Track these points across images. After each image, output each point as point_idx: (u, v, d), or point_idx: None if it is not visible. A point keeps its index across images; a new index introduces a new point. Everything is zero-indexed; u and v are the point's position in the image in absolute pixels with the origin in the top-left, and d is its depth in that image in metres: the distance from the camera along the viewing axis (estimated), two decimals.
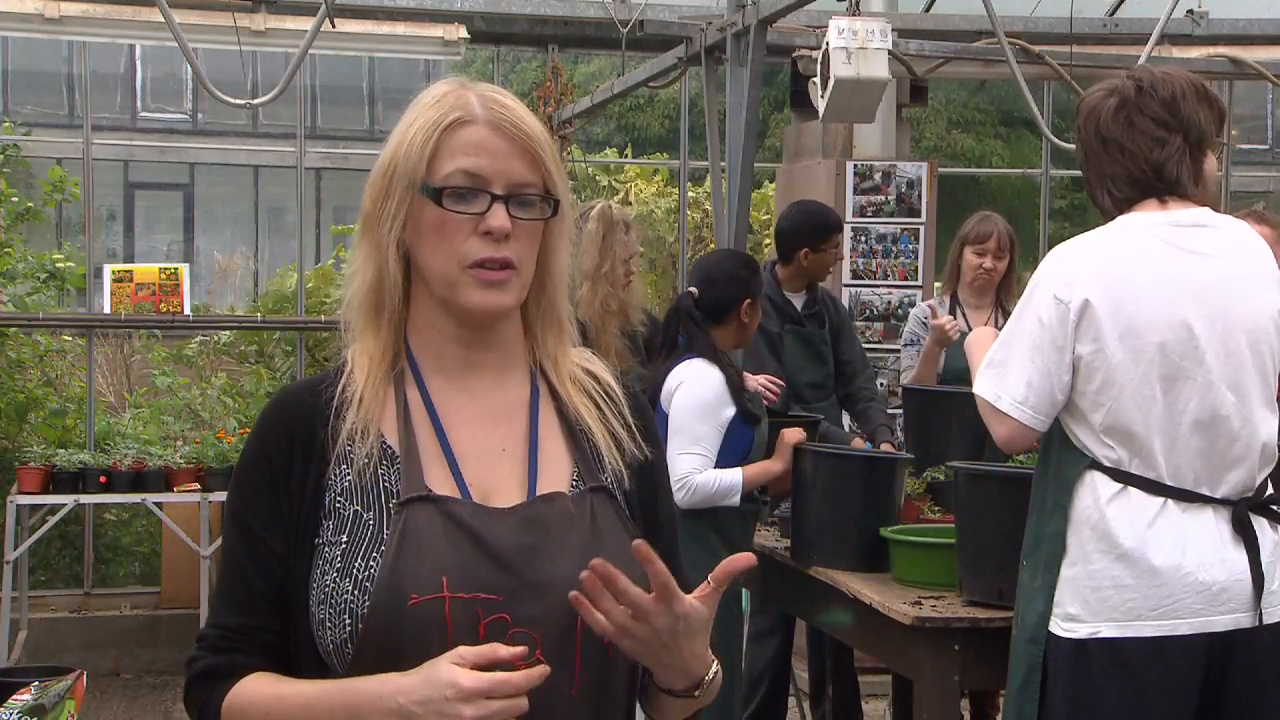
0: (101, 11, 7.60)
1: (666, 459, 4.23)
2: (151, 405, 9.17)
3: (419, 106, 1.76)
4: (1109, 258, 2.96)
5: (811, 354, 5.58)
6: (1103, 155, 3.03)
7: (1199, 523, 2.90)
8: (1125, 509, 2.90)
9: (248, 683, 1.71)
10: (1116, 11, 8.42)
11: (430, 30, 8.03)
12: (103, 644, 7.56)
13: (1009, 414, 2.98)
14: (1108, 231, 3.02)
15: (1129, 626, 2.88)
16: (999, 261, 5.45)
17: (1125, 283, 2.92)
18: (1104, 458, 2.93)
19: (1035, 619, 2.99)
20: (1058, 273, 2.97)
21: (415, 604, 1.63)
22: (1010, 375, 2.99)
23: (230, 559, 1.76)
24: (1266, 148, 17.71)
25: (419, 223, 1.73)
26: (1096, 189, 3.08)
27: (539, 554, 1.69)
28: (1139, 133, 2.99)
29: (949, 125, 14.76)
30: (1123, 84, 3.04)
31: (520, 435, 1.78)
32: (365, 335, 1.76)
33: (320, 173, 14.76)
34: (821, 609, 4.32)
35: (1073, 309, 2.91)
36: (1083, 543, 2.92)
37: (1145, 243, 2.96)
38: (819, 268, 5.53)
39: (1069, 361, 2.93)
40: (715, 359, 4.28)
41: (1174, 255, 2.94)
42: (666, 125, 14.94)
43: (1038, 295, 2.98)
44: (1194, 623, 2.88)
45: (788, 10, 5.66)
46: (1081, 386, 2.93)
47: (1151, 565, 2.87)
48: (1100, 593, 2.89)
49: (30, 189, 9.48)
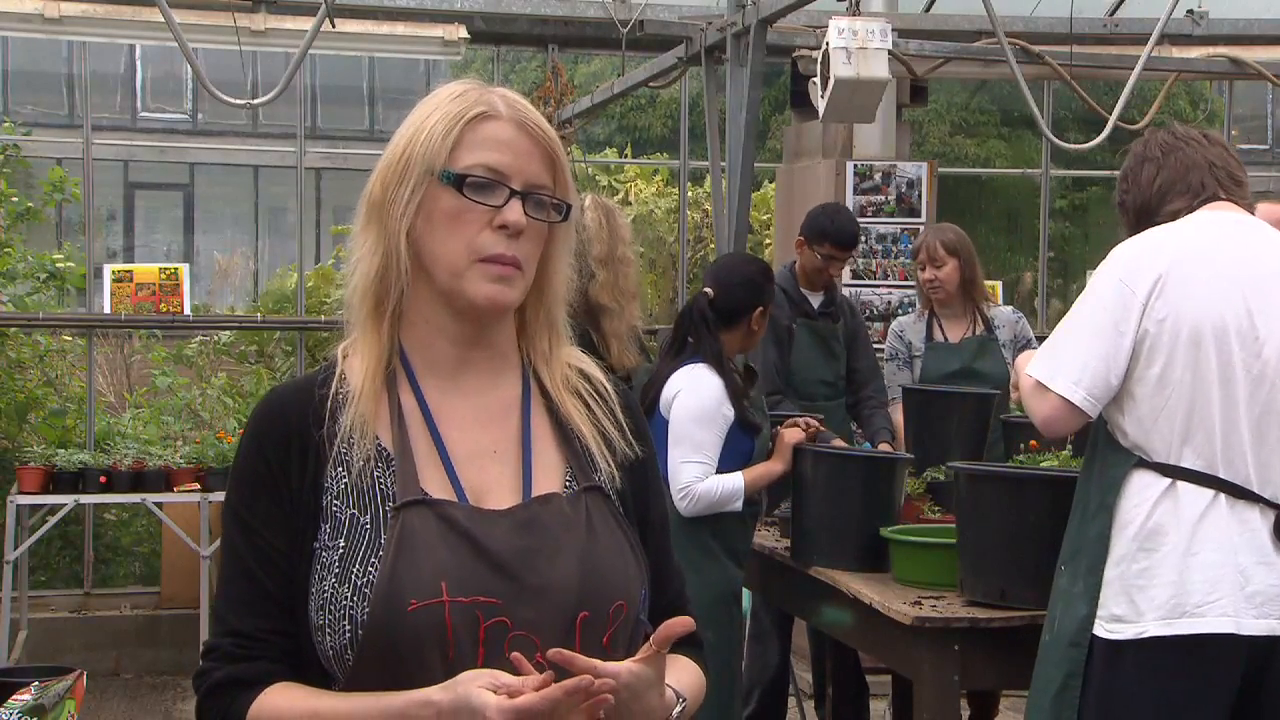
0: (101, 11, 7.60)
1: (660, 460, 4.24)
2: (151, 405, 9.17)
3: (435, 100, 1.76)
4: (1178, 244, 2.99)
5: (824, 349, 5.57)
6: (1209, 148, 3.12)
7: (1245, 522, 2.90)
8: (1173, 505, 2.90)
9: (273, 693, 1.66)
10: (1116, 11, 8.42)
11: (430, 30, 8.04)
12: (103, 644, 7.56)
13: (1060, 393, 2.98)
14: (1178, 223, 3.06)
15: (1174, 625, 2.87)
16: (938, 270, 5.50)
17: (1195, 267, 2.95)
18: (1155, 451, 2.92)
19: (1077, 623, 2.97)
20: (1123, 258, 3.01)
21: (415, 609, 1.62)
22: (1066, 355, 3.01)
23: (235, 563, 1.71)
24: (1266, 148, 17.71)
25: (432, 211, 1.72)
26: (1167, 190, 3.12)
27: (537, 557, 1.68)
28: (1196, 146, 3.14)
29: (952, 130, 14.75)
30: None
31: (512, 436, 1.77)
32: (365, 328, 1.75)
33: (320, 173, 14.76)
34: (821, 609, 4.31)
35: (1140, 289, 2.93)
36: (1127, 541, 2.92)
37: (1213, 236, 3.01)
38: (808, 265, 5.53)
39: (1129, 345, 2.94)
40: (718, 365, 4.25)
41: (1235, 250, 2.99)
42: (667, 125, 14.93)
43: (1099, 283, 3.02)
44: (1240, 622, 2.87)
45: (788, 10, 5.67)
46: (1141, 371, 2.94)
47: (1199, 563, 2.86)
48: (1147, 592, 2.89)
49: (30, 189, 9.48)
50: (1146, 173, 3.15)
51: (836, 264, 5.56)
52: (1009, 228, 14.73)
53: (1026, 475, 3.76)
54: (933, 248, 5.52)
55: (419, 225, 1.72)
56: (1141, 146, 3.21)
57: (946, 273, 5.50)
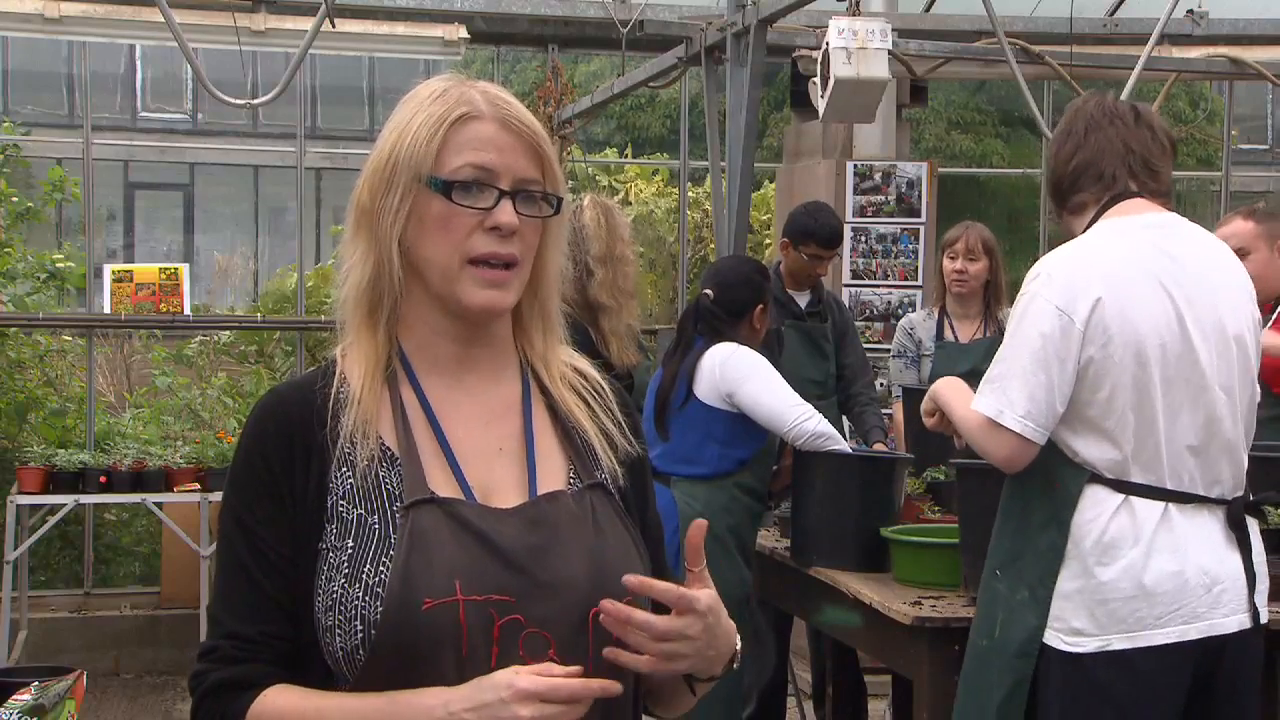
0: (101, 11, 7.61)
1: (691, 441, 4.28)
2: (151, 405, 9.18)
3: (416, 100, 1.74)
4: (1108, 262, 2.94)
5: (813, 349, 5.58)
6: (1133, 130, 3.04)
7: (1196, 525, 2.91)
8: (1129, 520, 2.89)
9: (273, 694, 1.66)
10: (1116, 11, 8.43)
11: (430, 30, 8.05)
12: (103, 644, 7.56)
13: (1012, 429, 2.91)
14: (1097, 235, 3.01)
15: (1139, 637, 2.87)
16: (970, 264, 5.50)
17: (1126, 284, 2.91)
18: (1106, 468, 2.91)
19: (1026, 633, 2.96)
20: (1054, 283, 2.93)
21: (429, 608, 1.61)
22: (1013, 390, 2.92)
23: (234, 565, 1.70)
24: (1266, 148, 17.70)
25: (422, 217, 1.71)
26: (1089, 174, 3.07)
27: (548, 554, 1.68)
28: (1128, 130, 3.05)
29: (949, 127, 14.75)
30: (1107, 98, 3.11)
31: (515, 433, 1.77)
32: (360, 333, 1.74)
33: (320, 173, 14.76)
34: (822, 609, 4.32)
35: (1078, 316, 2.88)
36: (1085, 556, 2.90)
37: (1138, 247, 2.96)
38: (795, 265, 5.53)
39: (1072, 372, 2.89)
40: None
41: (1160, 259, 2.95)
42: (667, 125, 14.92)
43: (1035, 308, 2.93)
44: (1200, 626, 2.88)
45: (788, 10, 5.66)
46: (1088, 396, 2.90)
47: (1158, 574, 2.86)
48: (1108, 605, 2.88)
49: (30, 189, 9.48)
50: (1066, 148, 3.10)
51: (822, 263, 5.55)
52: (1009, 228, 14.69)
53: None
54: (973, 241, 5.52)
55: (410, 231, 1.71)
56: (1071, 116, 3.13)
57: (978, 269, 5.52)
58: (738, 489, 4.45)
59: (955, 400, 3.15)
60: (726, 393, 4.32)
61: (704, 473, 4.41)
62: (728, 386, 4.32)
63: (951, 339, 5.59)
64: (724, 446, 4.40)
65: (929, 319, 5.67)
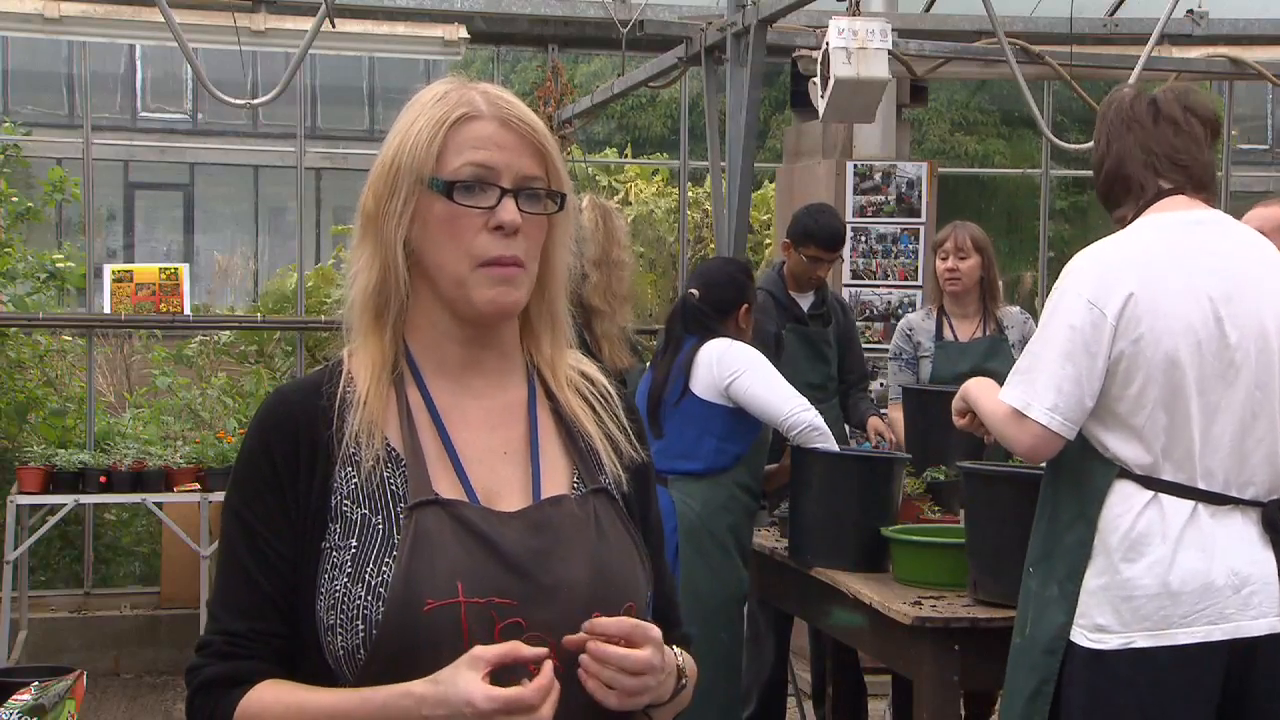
0: (101, 11, 7.60)
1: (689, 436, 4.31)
2: (151, 405, 9.17)
3: (419, 104, 1.75)
4: (1144, 256, 2.93)
5: (812, 353, 5.57)
6: (1151, 130, 3.01)
7: (1227, 526, 2.87)
8: (1158, 517, 2.86)
9: (261, 689, 1.67)
10: (1116, 11, 8.43)
11: (430, 30, 8.04)
12: (103, 644, 7.56)
13: (1038, 421, 2.90)
14: (1135, 231, 3.00)
15: (1163, 636, 2.85)
16: (961, 261, 5.49)
17: (1160, 280, 2.89)
18: (1136, 465, 2.89)
19: (1053, 630, 2.95)
20: (1087, 277, 2.92)
21: (431, 609, 1.62)
22: (1040, 382, 2.92)
23: (233, 562, 1.71)
24: (1266, 148, 17.71)
25: (427, 220, 1.71)
26: (1134, 168, 3.04)
27: (550, 558, 1.68)
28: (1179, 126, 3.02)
29: (951, 128, 14.75)
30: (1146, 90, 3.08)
31: (520, 437, 1.78)
32: (367, 336, 1.74)
33: (320, 173, 14.77)
34: (821, 609, 4.32)
35: (1110, 310, 2.87)
36: (1111, 552, 2.89)
37: (1177, 242, 2.95)
38: (797, 267, 5.53)
39: (1102, 367, 2.88)
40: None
41: (1199, 255, 2.93)
42: (667, 125, 14.93)
43: (1066, 301, 2.92)
44: (1227, 628, 2.85)
45: (788, 10, 5.66)
46: (1119, 391, 2.88)
47: (1185, 572, 2.84)
48: (1133, 602, 2.86)
49: (30, 189, 9.48)
50: (1095, 160, 3.10)
51: (823, 265, 5.54)
52: (1009, 228, 14.71)
53: (1040, 475, 3.74)
54: (961, 239, 5.51)
55: (415, 235, 1.72)
56: (1097, 124, 3.11)
57: (969, 266, 5.50)
58: (736, 487, 4.45)
59: (984, 396, 3.16)
60: (723, 386, 4.33)
61: (700, 468, 4.41)
62: (724, 379, 4.32)
63: (951, 339, 5.58)
64: (721, 441, 4.41)
65: (928, 319, 5.66)
